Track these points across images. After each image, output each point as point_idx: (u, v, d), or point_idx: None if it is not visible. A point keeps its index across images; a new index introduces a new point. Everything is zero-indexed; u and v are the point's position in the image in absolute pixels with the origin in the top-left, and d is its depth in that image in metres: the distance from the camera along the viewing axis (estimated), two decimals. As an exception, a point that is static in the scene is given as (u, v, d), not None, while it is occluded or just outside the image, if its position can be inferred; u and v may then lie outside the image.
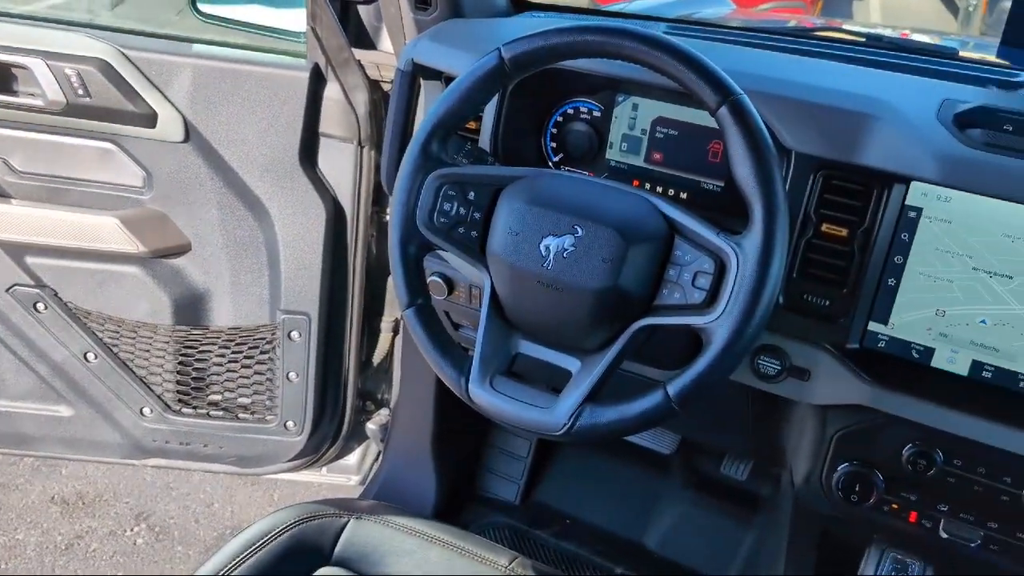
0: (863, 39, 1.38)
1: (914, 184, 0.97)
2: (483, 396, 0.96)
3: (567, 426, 0.92)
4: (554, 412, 0.93)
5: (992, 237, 0.96)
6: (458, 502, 1.92)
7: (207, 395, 1.89)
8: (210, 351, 1.84)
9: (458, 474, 1.94)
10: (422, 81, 1.25)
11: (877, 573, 0.97)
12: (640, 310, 0.93)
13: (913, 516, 1.07)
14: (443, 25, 1.28)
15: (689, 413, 0.90)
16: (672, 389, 0.90)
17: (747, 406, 1.23)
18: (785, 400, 1.14)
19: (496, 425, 2.00)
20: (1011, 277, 0.96)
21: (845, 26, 1.84)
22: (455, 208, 0.97)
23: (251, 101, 1.60)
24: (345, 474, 2.06)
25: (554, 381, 0.95)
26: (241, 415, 1.91)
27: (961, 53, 1.33)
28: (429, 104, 1.26)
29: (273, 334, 1.81)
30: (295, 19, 1.62)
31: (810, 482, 1.11)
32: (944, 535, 1.05)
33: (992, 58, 1.15)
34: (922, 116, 0.99)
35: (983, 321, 0.99)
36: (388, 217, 1.04)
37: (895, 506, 1.07)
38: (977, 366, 1.00)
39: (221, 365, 1.86)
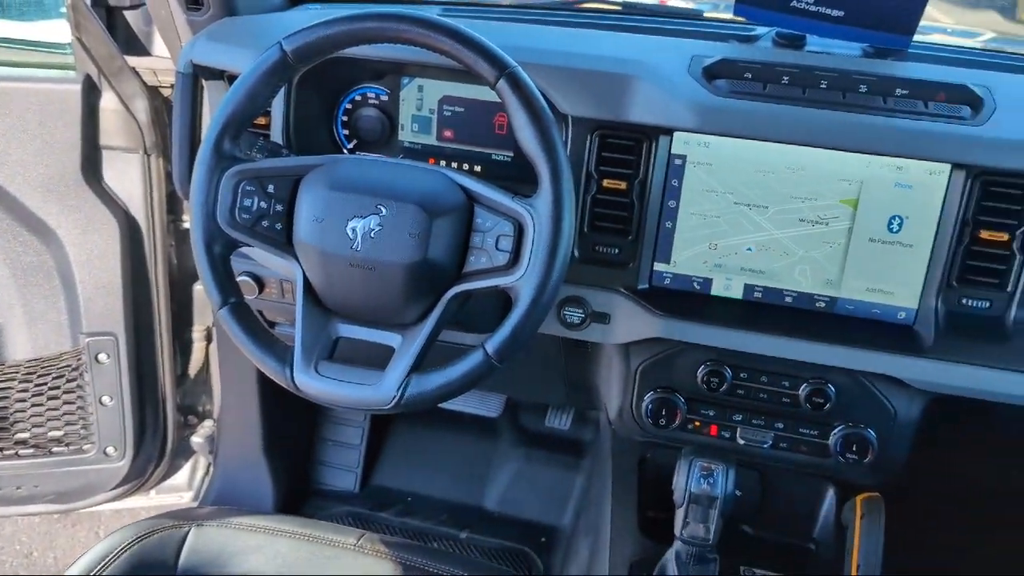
0: (621, 7, 1.50)
1: (676, 134, 1.09)
2: (310, 383, 0.98)
3: (396, 398, 0.96)
4: (382, 387, 0.97)
5: (748, 174, 1.09)
6: (297, 499, 1.92)
7: (12, 434, 1.78)
8: (10, 388, 1.73)
9: (294, 472, 1.93)
10: (204, 82, 1.24)
11: (688, 482, 1.08)
12: (451, 279, 0.98)
13: (714, 429, 1.19)
14: (219, 24, 1.27)
15: (510, 371, 0.97)
16: (490, 347, 0.97)
17: (560, 356, 1.32)
18: (592, 344, 1.24)
19: (327, 418, 2.01)
20: (767, 207, 1.10)
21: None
22: (256, 203, 0.98)
23: (22, 120, 1.51)
24: (176, 493, 2.00)
25: (378, 359, 0.99)
26: (55, 449, 1.81)
27: (706, 14, 1.48)
28: (214, 105, 1.25)
29: (78, 359, 1.72)
30: (57, 30, 1.55)
31: (623, 415, 1.22)
32: (741, 441, 1.19)
33: (731, 16, 1.29)
34: (676, 72, 1.10)
35: (749, 249, 1.12)
36: (187, 222, 1.04)
37: (697, 423, 1.19)
38: (749, 289, 1.14)
39: (25, 400, 1.75)
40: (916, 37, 1.17)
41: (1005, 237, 1.05)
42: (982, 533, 1.74)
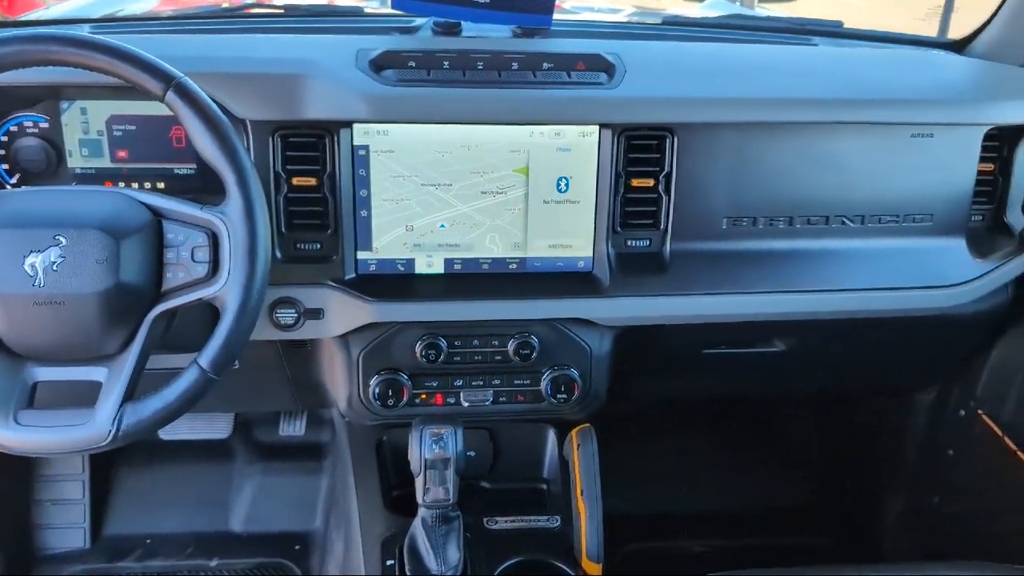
0: (283, 10, 1.52)
1: (355, 126, 1.13)
2: (11, 436, 0.92)
3: (112, 432, 0.92)
4: (94, 424, 0.93)
5: (428, 156, 1.17)
6: (24, 569, 1.75)
7: None
8: None
9: (14, 541, 1.76)
10: None
11: (421, 450, 1.14)
12: (151, 299, 0.96)
13: (439, 398, 1.27)
14: None
15: (233, 385, 0.97)
16: (204, 361, 0.96)
17: (281, 359, 1.33)
18: (312, 341, 1.26)
19: (39, 478, 1.84)
20: (451, 184, 1.18)
21: (269, 0, 1.98)
22: None
23: None
24: None
25: (88, 397, 0.95)
26: None
27: (367, 10, 1.54)
28: None
29: None
30: None
31: (352, 404, 1.26)
32: (466, 403, 1.27)
33: (391, 10, 1.36)
34: (344, 67, 1.15)
35: (442, 225, 1.20)
36: None
37: (423, 396, 1.26)
38: (449, 262, 1.22)
39: None
40: (566, 16, 1.31)
41: (651, 183, 1.22)
42: (675, 437, 2.00)
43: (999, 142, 1.32)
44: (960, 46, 1.51)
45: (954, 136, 1.26)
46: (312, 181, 1.15)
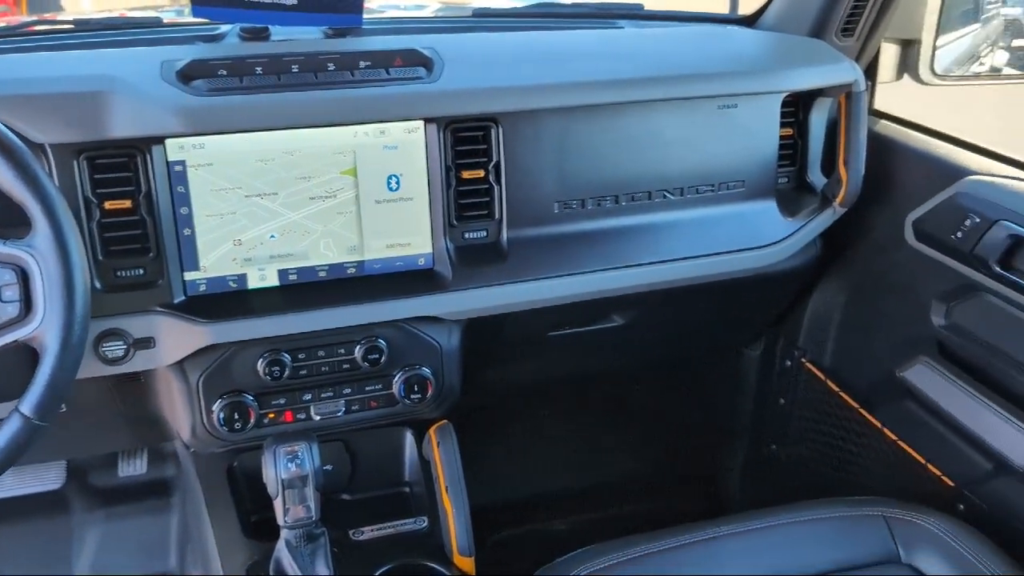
0: (73, 26, 1.42)
1: (168, 141, 1.08)
2: None
3: None
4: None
5: (250, 166, 1.12)
6: None
7: None
8: None
9: None
10: None
11: (276, 470, 1.10)
12: None
13: (289, 416, 1.23)
14: None
15: (63, 430, 0.90)
16: (27, 408, 0.89)
17: (114, 396, 1.25)
18: (145, 372, 1.19)
19: None
20: (277, 193, 1.14)
21: (57, 17, 1.85)
22: None
23: None
24: None
25: None
26: None
27: (166, 20, 1.46)
28: None
29: None
30: None
31: (197, 433, 1.19)
32: (317, 417, 1.24)
33: (193, 19, 1.30)
34: (148, 81, 1.09)
35: (273, 236, 1.16)
36: None
37: (272, 415, 1.21)
38: (283, 274, 1.18)
39: None
40: (374, 15, 1.29)
41: (482, 173, 1.23)
42: (532, 421, 2.04)
43: (795, 108, 1.42)
44: (751, 20, 1.61)
45: (756, 105, 1.34)
46: (126, 203, 1.09)
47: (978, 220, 1.25)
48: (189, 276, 1.14)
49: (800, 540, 1.17)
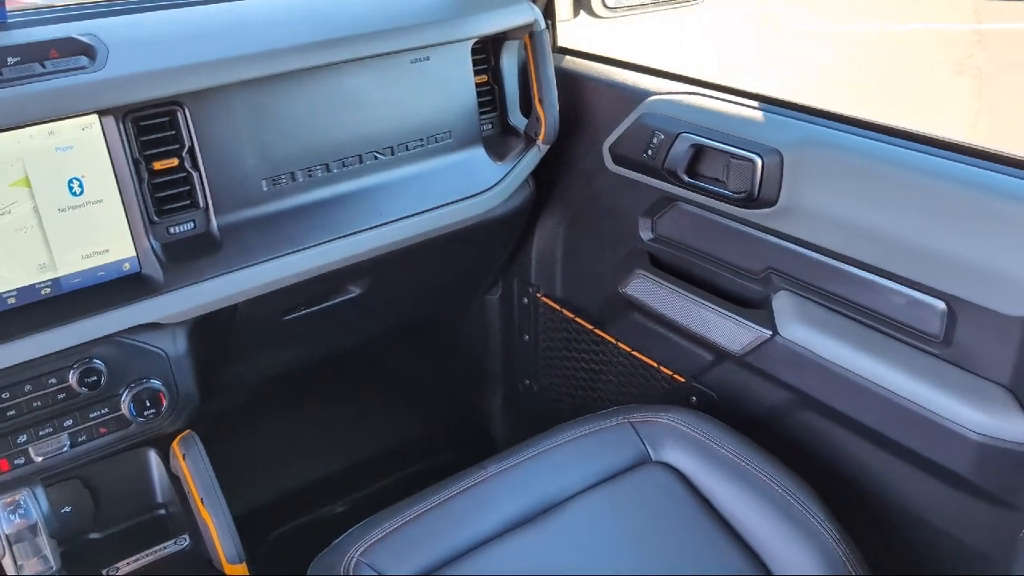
0: None
1: None
2: None
3: None
4: None
5: None
6: None
7: None
8: None
9: None
10: None
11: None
12: None
13: (4, 464, 1.09)
14: None
15: None
16: None
17: None
18: None
19: None
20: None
21: None
22: None
23: None
24: None
25: None
26: None
27: None
28: None
29: None
30: None
31: None
32: (39, 459, 1.11)
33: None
34: None
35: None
36: None
37: None
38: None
39: None
40: (19, 6, 1.15)
41: (175, 162, 1.14)
42: (287, 410, 1.98)
43: (486, 54, 1.45)
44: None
45: (447, 55, 1.35)
46: None
47: (663, 136, 1.36)
48: None
49: (561, 463, 1.23)
